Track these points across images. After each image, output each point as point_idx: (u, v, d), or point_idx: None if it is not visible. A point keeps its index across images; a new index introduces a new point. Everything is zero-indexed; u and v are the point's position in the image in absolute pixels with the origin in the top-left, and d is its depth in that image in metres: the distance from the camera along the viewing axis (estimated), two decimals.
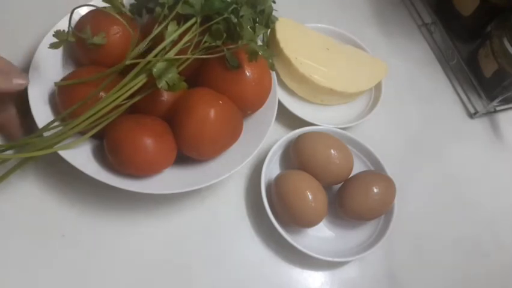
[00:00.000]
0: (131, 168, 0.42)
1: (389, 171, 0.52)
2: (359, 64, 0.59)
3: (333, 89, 0.55)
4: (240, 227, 0.48)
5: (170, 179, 0.44)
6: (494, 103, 0.62)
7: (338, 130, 0.53)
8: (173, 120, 0.43)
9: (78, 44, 0.44)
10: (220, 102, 0.44)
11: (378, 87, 0.60)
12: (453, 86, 0.67)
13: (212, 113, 0.42)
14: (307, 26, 0.60)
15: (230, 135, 0.46)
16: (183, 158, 0.45)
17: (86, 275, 0.42)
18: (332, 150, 0.48)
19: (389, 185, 0.49)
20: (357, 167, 0.52)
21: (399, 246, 0.52)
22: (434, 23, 0.70)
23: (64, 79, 0.44)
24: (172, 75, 0.40)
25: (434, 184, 0.58)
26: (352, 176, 0.50)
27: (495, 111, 0.66)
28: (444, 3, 0.69)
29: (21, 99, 0.42)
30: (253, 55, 0.43)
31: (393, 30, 0.70)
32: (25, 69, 0.44)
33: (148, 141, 0.41)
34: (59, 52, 0.47)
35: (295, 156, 0.50)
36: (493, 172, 0.61)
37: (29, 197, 0.44)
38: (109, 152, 0.42)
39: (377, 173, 0.51)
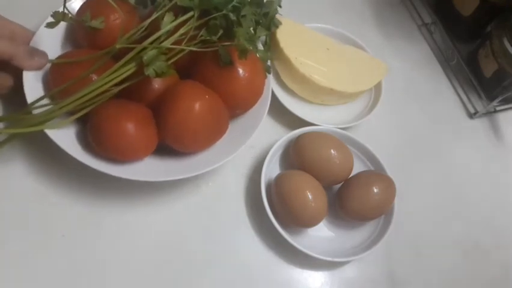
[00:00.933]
0: (109, 151, 0.42)
1: (389, 171, 0.52)
2: (359, 64, 0.59)
3: (333, 89, 0.55)
4: (240, 227, 0.48)
5: (156, 168, 0.45)
6: (494, 103, 0.62)
7: (338, 130, 0.53)
8: (158, 110, 0.44)
9: (78, 27, 0.46)
10: (207, 96, 0.44)
11: (378, 87, 0.60)
12: (453, 86, 0.67)
13: (196, 105, 0.43)
14: (307, 26, 0.60)
15: (214, 130, 0.46)
16: (172, 150, 0.45)
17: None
18: (332, 150, 0.48)
19: (389, 185, 0.49)
20: (357, 167, 0.52)
21: (399, 246, 0.52)
22: (434, 23, 0.70)
23: (58, 58, 0.45)
24: (160, 63, 0.41)
25: (434, 184, 0.58)
26: (352, 176, 0.50)
27: (495, 111, 0.66)
28: (444, 3, 0.69)
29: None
30: (242, 53, 0.43)
31: (393, 30, 0.70)
32: None
33: (128, 126, 0.42)
34: (59, 34, 0.48)
35: (295, 156, 0.50)
36: (493, 172, 0.61)
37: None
38: (90, 132, 0.42)
39: (377, 173, 0.51)
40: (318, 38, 0.59)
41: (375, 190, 0.47)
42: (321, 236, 0.49)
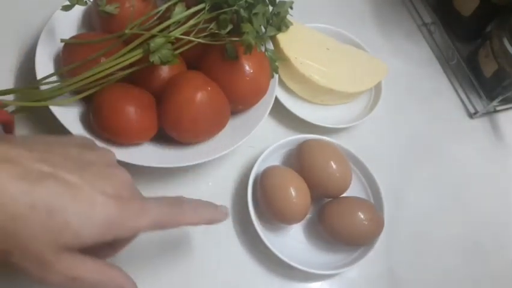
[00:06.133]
0: (108, 131, 0.43)
1: (389, 171, 0.52)
2: (359, 64, 0.59)
3: (333, 89, 0.55)
4: (240, 225, 0.48)
5: (153, 154, 0.45)
6: (494, 103, 0.62)
7: (339, 144, 0.52)
8: (161, 97, 0.44)
9: (93, 11, 0.48)
10: (209, 88, 0.44)
11: (378, 87, 0.60)
12: (453, 86, 0.67)
13: (196, 95, 0.43)
14: (308, 26, 0.60)
15: (213, 122, 0.46)
16: (172, 140, 0.46)
17: None
18: (332, 162, 0.47)
19: (377, 223, 0.46)
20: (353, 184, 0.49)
21: (399, 246, 0.52)
22: (434, 23, 0.70)
23: (71, 38, 0.46)
24: (166, 51, 0.41)
25: (433, 184, 0.57)
26: (345, 197, 0.48)
27: (495, 111, 0.66)
28: (444, 3, 0.69)
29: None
30: (248, 48, 0.44)
31: (393, 30, 0.70)
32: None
33: (128, 109, 0.42)
34: (75, 18, 0.50)
35: (296, 161, 0.49)
36: (493, 172, 0.61)
37: None
38: (91, 111, 0.43)
39: (370, 206, 0.47)
40: (318, 38, 0.59)
41: (362, 221, 0.45)
42: (304, 243, 0.48)
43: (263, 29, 0.51)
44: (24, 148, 0.27)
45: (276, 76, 0.51)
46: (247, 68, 0.46)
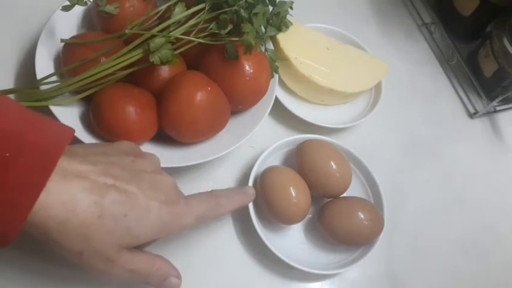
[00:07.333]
0: (107, 132, 0.43)
1: (389, 171, 0.52)
2: (359, 64, 0.59)
3: (333, 89, 0.55)
4: (240, 223, 0.48)
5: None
6: (494, 103, 0.62)
7: (340, 144, 0.52)
8: (161, 97, 0.44)
9: (93, 11, 0.48)
10: (209, 88, 0.44)
11: (378, 87, 0.60)
12: (453, 86, 0.67)
13: (196, 95, 0.43)
14: (308, 26, 0.60)
15: (213, 122, 0.46)
16: (172, 140, 0.46)
17: None
18: (332, 162, 0.47)
19: (377, 222, 0.46)
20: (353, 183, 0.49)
21: (399, 246, 0.52)
22: (434, 23, 0.71)
23: (71, 38, 0.46)
24: (166, 51, 0.42)
25: (433, 183, 0.58)
26: (344, 198, 0.48)
27: (495, 111, 0.66)
28: (444, 3, 0.69)
29: None
30: (248, 48, 0.44)
31: (393, 30, 0.70)
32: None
33: (128, 109, 0.42)
34: (75, 18, 0.51)
35: (296, 161, 0.49)
36: (493, 172, 0.61)
37: None
38: (91, 111, 0.43)
39: (370, 206, 0.47)
40: (318, 38, 0.59)
41: (362, 221, 0.45)
42: (310, 246, 0.48)
43: (263, 29, 0.51)
44: (89, 162, 0.32)
45: (276, 76, 0.51)
46: (247, 68, 0.46)
